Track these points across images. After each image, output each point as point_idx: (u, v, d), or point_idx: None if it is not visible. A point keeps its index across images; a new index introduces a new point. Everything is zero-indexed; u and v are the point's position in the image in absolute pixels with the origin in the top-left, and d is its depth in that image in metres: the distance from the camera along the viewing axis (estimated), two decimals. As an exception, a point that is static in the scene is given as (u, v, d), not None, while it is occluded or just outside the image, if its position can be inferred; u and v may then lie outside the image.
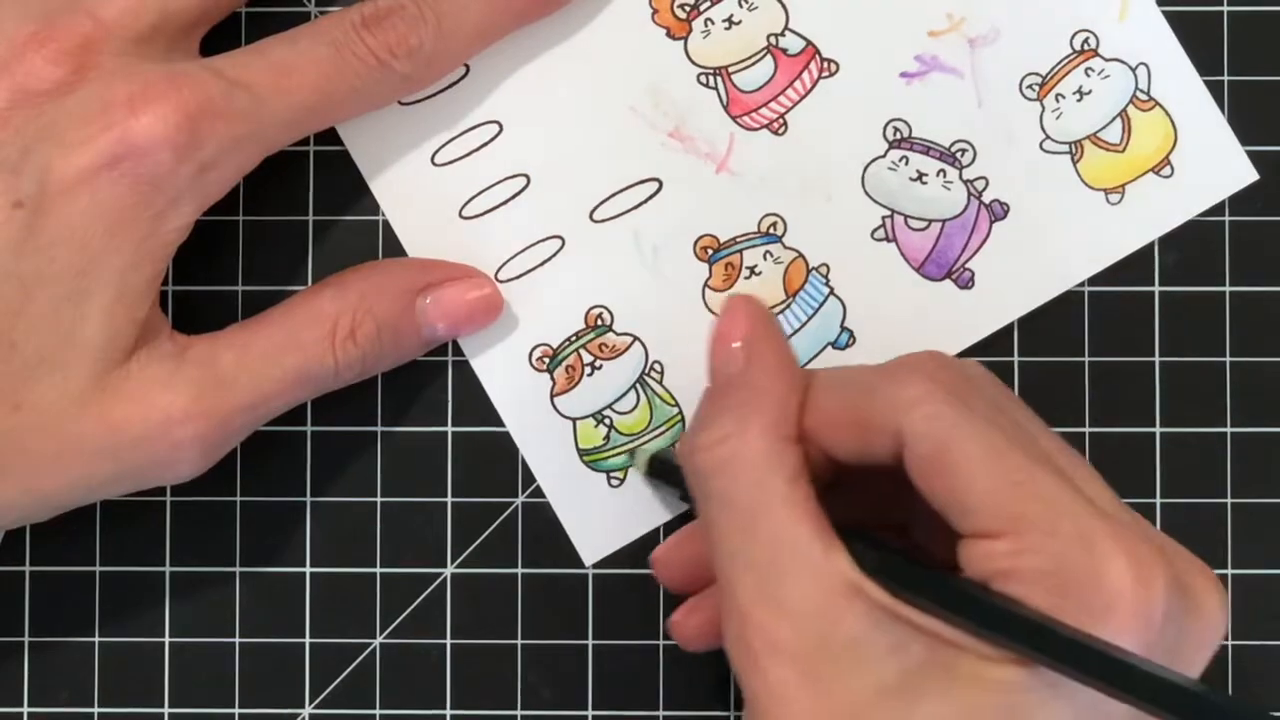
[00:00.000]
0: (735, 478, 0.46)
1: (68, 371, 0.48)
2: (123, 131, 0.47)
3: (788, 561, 0.45)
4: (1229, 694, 0.53)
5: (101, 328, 0.48)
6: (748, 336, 0.48)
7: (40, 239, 0.47)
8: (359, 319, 0.51)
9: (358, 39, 0.50)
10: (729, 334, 0.48)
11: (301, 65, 0.49)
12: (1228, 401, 0.55)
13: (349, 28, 0.50)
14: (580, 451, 0.55)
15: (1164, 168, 0.55)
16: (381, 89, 0.51)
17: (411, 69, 0.51)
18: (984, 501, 0.44)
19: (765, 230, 0.54)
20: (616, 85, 0.54)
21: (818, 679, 0.44)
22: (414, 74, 0.51)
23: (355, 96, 0.51)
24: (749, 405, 0.47)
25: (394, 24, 0.50)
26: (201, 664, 0.55)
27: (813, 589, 0.45)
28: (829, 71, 0.55)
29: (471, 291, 0.53)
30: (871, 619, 0.44)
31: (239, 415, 0.50)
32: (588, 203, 0.55)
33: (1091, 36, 0.55)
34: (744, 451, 0.46)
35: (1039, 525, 0.43)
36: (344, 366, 0.51)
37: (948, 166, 0.54)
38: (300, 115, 0.50)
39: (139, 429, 0.49)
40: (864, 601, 0.44)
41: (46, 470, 0.49)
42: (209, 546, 0.55)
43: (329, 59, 0.50)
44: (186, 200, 0.48)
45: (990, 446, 0.44)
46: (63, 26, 0.48)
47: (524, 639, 0.55)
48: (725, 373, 0.48)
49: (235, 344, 0.50)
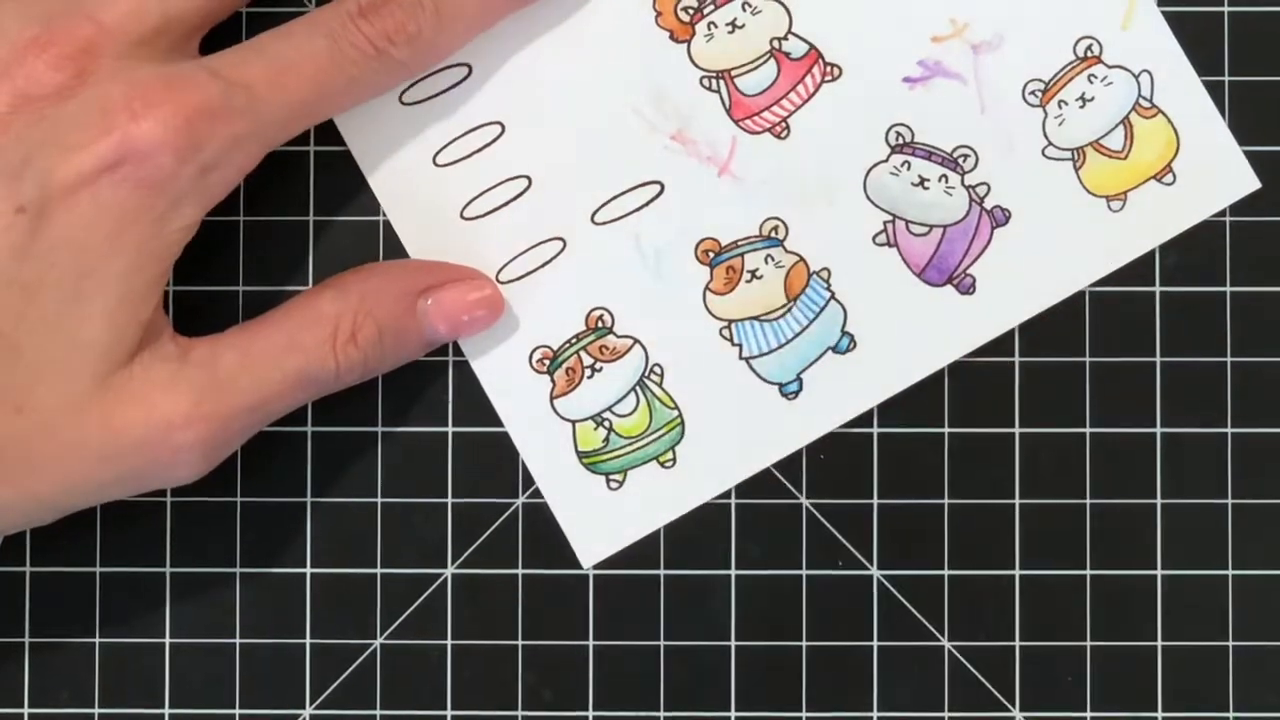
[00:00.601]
0: None
1: (70, 374, 0.48)
2: (123, 136, 0.47)
3: None
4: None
5: (104, 331, 0.48)
6: None
7: (42, 244, 0.47)
8: (360, 321, 0.51)
9: (354, 28, 0.50)
10: None
11: (299, 60, 0.49)
12: (1228, 402, 0.55)
13: (345, 18, 0.50)
14: (579, 454, 0.55)
15: (1166, 175, 0.55)
16: (380, 77, 0.51)
17: (410, 56, 0.51)
18: None
19: (767, 234, 0.54)
20: (619, 87, 0.54)
21: None
22: (412, 61, 0.51)
23: (354, 86, 0.50)
24: None
25: (391, 11, 0.50)
26: (202, 664, 0.55)
27: None
28: (832, 76, 0.54)
29: (473, 293, 0.53)
30: None
31: (240, 418, 0.50)
32: (589, 205, 0.55)
33: (1095, 43, 0.55)
34: None
35: None
36: (345, 369, 0.51)
37: (950, 172, 0.54)
38: (299, 110, 0.50)
39: (140, 432, 0.49)
40: None
41: (48, 473, 0.49)
42: (209, 546, 0.55)
43: (326, 51, 0.50)
44: (189, 201, 0.48)
45: None
46: (64, 30, 0.48)
47: (524, 640, 0.55)
48: None
49: (237, 346, 0.50)
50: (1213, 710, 0.55)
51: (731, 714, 0.55)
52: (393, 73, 0.51)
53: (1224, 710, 0.55)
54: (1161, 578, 0.55)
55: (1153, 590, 0.54)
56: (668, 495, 0.55)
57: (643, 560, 0.55)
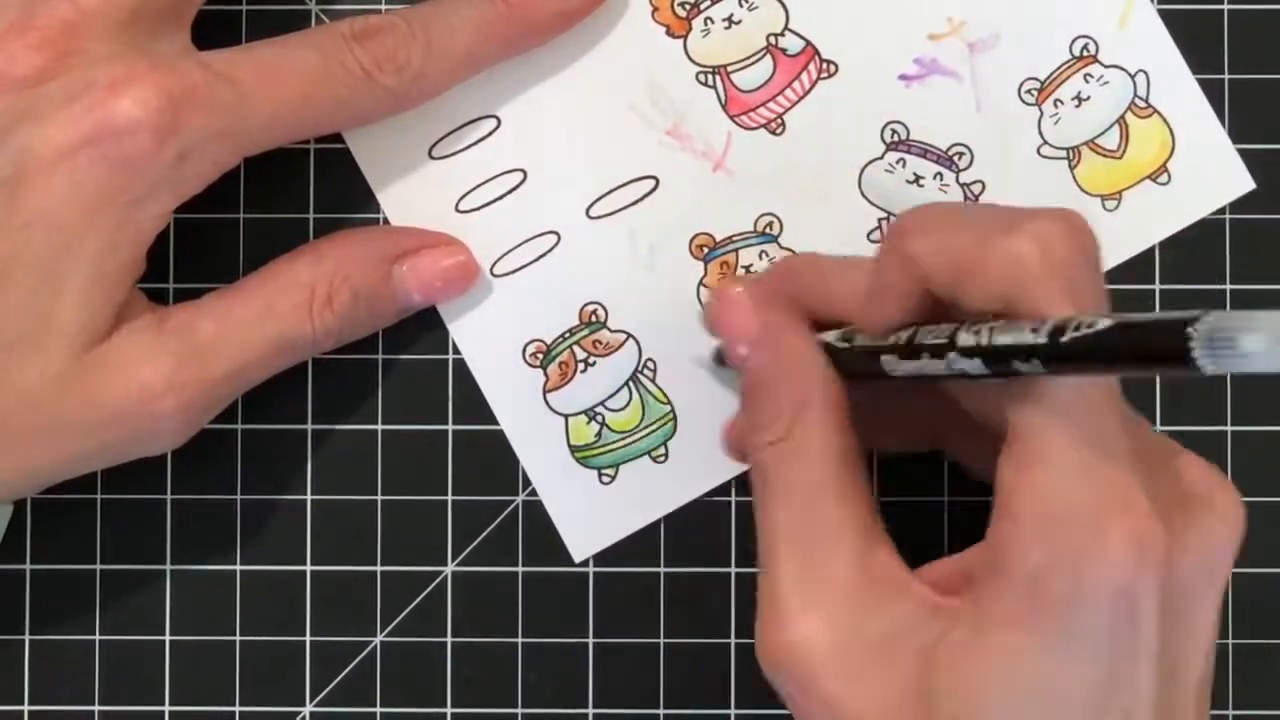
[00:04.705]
0: (795, 471, 0.47)
1: (46, 353, 0.48)
2: (104, 113, 0.47)
3: (833, 547, 0.46)
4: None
5: (78, 311, 0.48)
6: (765, 325, 0.49)
7: (17, 219, 0.47)
8: (336, 287, 0.52)
9: (346, 49, 0.50)
10: (742, 327, 0.49)
11: (288, 67, 0.50)
12: (1228, 401, 0.55)
13: (339, 38, 0.50)
14: (572, 448, 0.55)
15: (1161, 175, 0.55)
16: (366, 102, 0.51)
17: (397, 84, 0.51)
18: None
19: (761, 230, 0.55)
20: (615, 82, 0.55)
21: (853, 671, 0.45)
22: (399, 89, 0.51)
23: (339, 106, 0.51)
24: (798, 404, 0.47)
25: (384, 39, 0.51)
26: (202, 662, 0.55)
27: (853, 576, 0.45)
28: (828, 72, 0.55)
29: (447, 259, 0.54)
30: (913, 613, 0.45)
31: (219, 385, 0.50)
32: (584, 199, 0.55)
33: (1091, 43, 0.55)
34: (802, 449, 0.47)
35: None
36: (322, 335, 0.52)
37: (945, 170, 0.54)
38: (283, 116, 0.50)
39: (121, 402, 0.49)
40: (908, 596, 0.45)
41: (30, 447, 0.49)
42: (209, 545, 0.55)
43: (316, 65, 0.50)
44: (164, 189, 0.48)
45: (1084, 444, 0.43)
46: (43, 13, 0.48)
47: (524, 637, 0.55)
48: (757, 369, 0.49)
49: (214, 314, 0.51)
50: (1212, 710, 0.55)
51: (731, 711, 0.55)
52: (381, 100, 0.51)
53: (1224, 710, 0.55)
54: (1160, 577, 0.55)
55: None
56: (660, 490, 0.55)
57: (643, 557, 0.55)
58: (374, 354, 0.55)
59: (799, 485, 0.47)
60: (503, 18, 0.52)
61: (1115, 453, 0.43)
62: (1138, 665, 0.43)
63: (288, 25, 0.53)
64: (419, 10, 0.51)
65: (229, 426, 0.55)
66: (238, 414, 0.55)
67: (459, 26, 0.51)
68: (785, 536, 0.46)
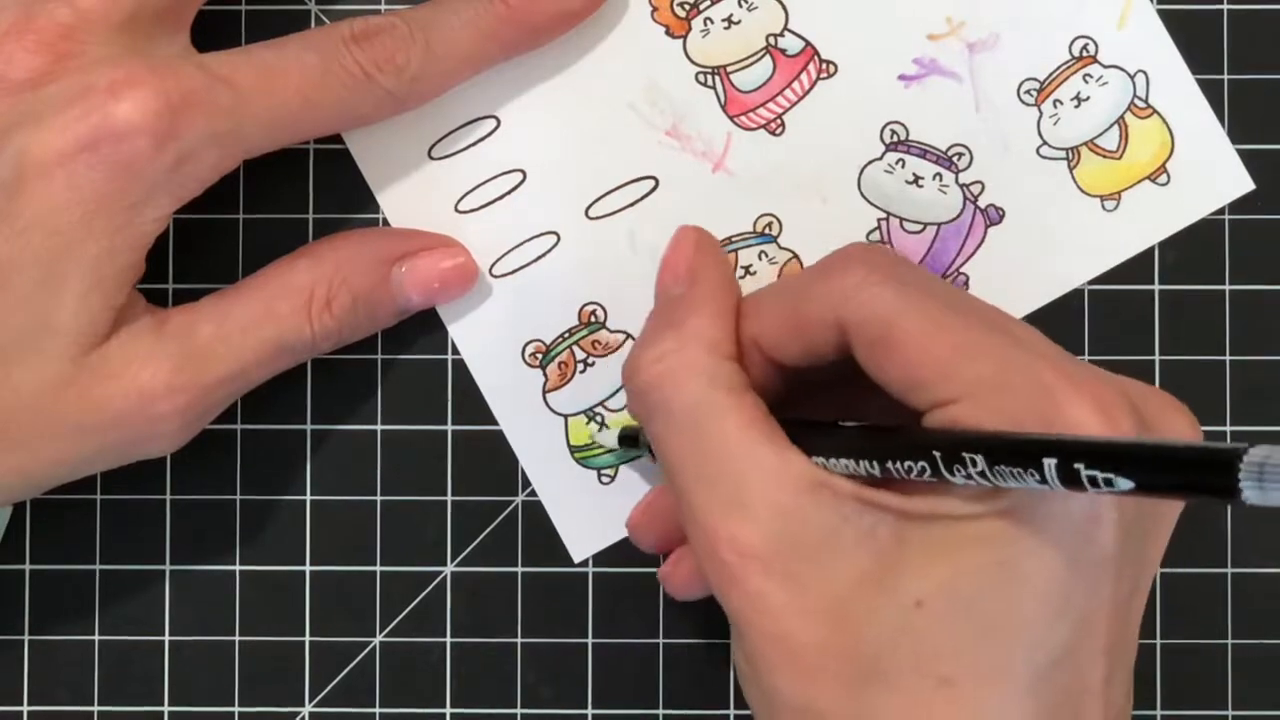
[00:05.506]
0: (676, 390, 0.47)
1: (44, 356, 0.48)
2: (102, 116, 0.47)
3: (744, 469, 0.46)
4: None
5: (76, 314, 0.48)
6: (691, 263, 0.50)
7: (16, 223, 0.47)
8: (335, 289, 0.52)
9: (345, 51, 0.50)
10: (675, 261, 0.51)
11: (287, 69, 0.50)
12: (1228, 401, 0.55)
13: (338, 40, 0.50)
14: (571, 448, 0.55)
15: (1160, 175, 0.55)
16: (365, 104, 0.51)
17: (396, 85, 0.51)
18: (936, 371, 0.44)
19: (761, 230, 0.55)
20: (614, 82, 0.55)
21: (795, 580, 0.45)
22: (398, 91, 0.51)
23: (338, 107, 0.51)
24: (687, 324, 0.48)
25: (383, 41, 0.51)
26: (201, 663, 0.55)
27: (774, 492, 0.45)
28: (827, 73, 0.55)
29: (446, 260, 0.54)
30: (838, 511, 0.45)
31: (218, 388, 0.50)
32: (583, 199, 0.55)
33: (1090, 43, 0.55)
34: (682, 366, 0.47)
35: (994, 382, 0.43)
36: (321, 337, 0.52)
37: (944, 170, 0.54)
38: (282, 118, 0.50)
39: (120, 406, 0.49)
40: (828, 494, 0.45)
41: (29, 450, 0.49)
42: (209, 545, 0.55)
43: (315, 66, 0.50)
44: (162, 192, 0.48)
45: (933, 317, 0.45)
46: (41, 16, 0.48)
47: (524, 638, 0.55)
48: (668, 295, 0.50)
49: (213, 317, 0.51)
50: (1212, 710, 0.55)
51: (731, 711, 0.55)
52: (380, 102, 0.51)
53: (1223, 709, 0.55)
54: (1160, 577, 0.54)
55: (1151, 589, 0.54)
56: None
57: (642, 558, 0.55)
58: (373, 355, 0.55)
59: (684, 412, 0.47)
60: (503, 19, 0.52)
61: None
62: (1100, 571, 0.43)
63: (288, 26, 0.53)
64: (418, 11, 0.51)
65: (229, 427, 0.55)
66: (237, 415, 0.55)
67: (459, 28, 0.51)
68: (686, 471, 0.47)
